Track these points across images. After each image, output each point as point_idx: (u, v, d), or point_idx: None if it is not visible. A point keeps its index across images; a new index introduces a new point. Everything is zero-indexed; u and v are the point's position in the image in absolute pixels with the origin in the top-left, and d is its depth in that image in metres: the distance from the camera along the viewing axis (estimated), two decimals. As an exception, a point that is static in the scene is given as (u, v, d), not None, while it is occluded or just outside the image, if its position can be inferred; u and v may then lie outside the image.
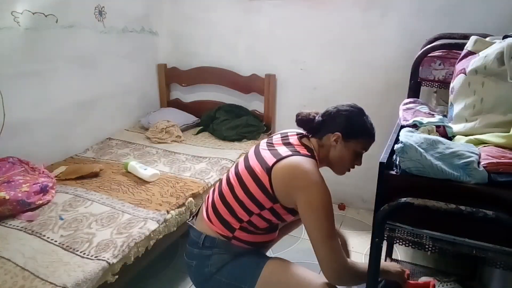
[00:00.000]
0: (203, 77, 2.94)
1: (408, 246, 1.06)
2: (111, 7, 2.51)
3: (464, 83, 1.22)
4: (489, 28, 1.93)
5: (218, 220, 1.38)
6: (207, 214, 1.42)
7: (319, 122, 1.41)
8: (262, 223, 1.35)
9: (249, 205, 1.32)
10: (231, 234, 1.36)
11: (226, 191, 1.39)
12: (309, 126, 1.43)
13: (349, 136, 1.36)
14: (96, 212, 1.68)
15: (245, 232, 1.36)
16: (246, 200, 1.32)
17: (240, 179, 1.36)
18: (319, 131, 1.40)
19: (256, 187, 1.31)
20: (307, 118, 1.43)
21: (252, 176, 1.33)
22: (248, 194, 1.32)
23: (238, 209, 1.34)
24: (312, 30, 2.53)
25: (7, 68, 1.96)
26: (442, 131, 1.23)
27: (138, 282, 1.89)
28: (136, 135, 2.69)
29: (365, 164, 1.43)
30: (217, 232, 1.37)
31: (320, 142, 1.40)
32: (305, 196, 1.24)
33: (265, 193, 1.29)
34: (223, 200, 1.38)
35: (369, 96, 2.48)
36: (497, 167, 0.96)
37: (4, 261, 1.34)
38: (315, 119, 1.43)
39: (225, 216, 1.36)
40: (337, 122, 1.37)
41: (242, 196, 1.33)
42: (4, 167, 1.82)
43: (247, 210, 1.33)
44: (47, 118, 2.20)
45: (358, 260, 2.12)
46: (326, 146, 1.39)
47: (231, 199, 1.36)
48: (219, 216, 1.38)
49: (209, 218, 1.40)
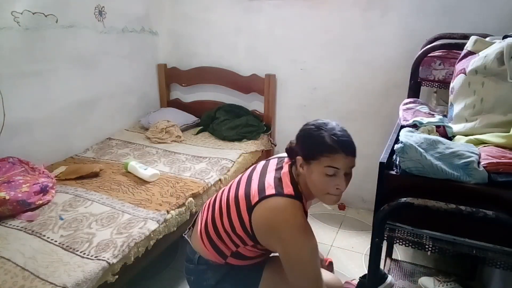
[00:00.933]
0: (203, 77, 2.94)
1: (408, 246, 1.06)
2: (111, 7, 2.51)
3: (464, 83, 1.22)
4: (489, 28, 1.93)
5: (211, 246, 1.35)
6: (201, 235, 1.39)
7: (290, 148, 1.30)
8: (250, 253, 1.32)
9: (234, 238, 1.29)
10: (223, 261, 1.35)
11: (217, 216, 1.34)
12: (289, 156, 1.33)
13: (309, 157, 1.20)
14: (96, 212, 1.68)
15: (237, 259, 1.34)
16: (231, 232, 1.29)
17: (228, 207, 1.31)
18: (292, 157, 1.29)
19: (238, 223, 1.26)
20: (289, 147, 1.32)
21: (237, 209, 1.27)
22: (232, 227, 1.28)
23: (227, 239, 1.31)
24: (312, 30, 2.53)
25: (7, 68, 1.96)
26: (442, 131, 1.23)
27: (138, 282, 1.89)
28: (136, 135, 2.69)
29: (365, 164, 1.43)
30: (210, 257, 1.36)
31: (296, 171, 1.27)
32: (283, 249, 1.19)
33: (246, 232, 1.25)
34: (214, 227, 1.34)
35: (369, 96, 2.48)
36: (497, 167, 0.96)
37: (4, 261, 1.34)
38: (290, 146, 1.31)
39: (217, 243, 1.34)
40: (297, 146, 1.26)
41: (227, 227, 1.30)
42: (4, 167, 1.82)
43: (233, 242, 1.30)
44: (47, 118, 2.20)
45: (358, 260, 2.14)
46: (300, 175, 1.25)
47: (220, 227, 1.32)
48: (211, 242, 1.35)
49: (203, 241, 1.37)
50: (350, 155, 1.18)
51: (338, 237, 2.37)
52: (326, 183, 1.19)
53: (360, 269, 2.07)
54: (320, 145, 1.17)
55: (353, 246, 2.29)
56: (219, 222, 1.33)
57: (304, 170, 1.22)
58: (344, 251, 2.24)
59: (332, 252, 2.23)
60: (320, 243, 2.28)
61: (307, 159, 1.20)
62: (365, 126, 2.50)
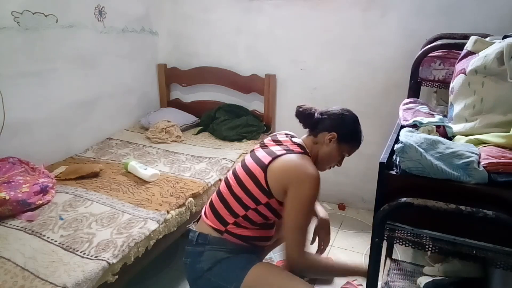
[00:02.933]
0: (203, 77, 2.94)
1: (408, 246, 1.06)
2: (111, 7, 2.51)
3: (464, 83, 1.22)
4: (489, 28, 1.93)
5: (213, 215, 1.44)
6: (204, 212, 1.50)
7: (318, 119, 1.47)
8: (258, 218, 1.40)
9: (246, 200, 1.38)
10: (223, 228, 1.40)
11: (224, 189, 1.46)
12: (307, 120, 1.49)
13: (343, 139, 1.43)
14: (96, 212, 1.68)
15: (238, 227, 1.40)
16: (242, 195, 1.39)
17: (237, 177, 1.43)
18: (316, 127, 1.46)
19: (252, 183, 1.37)
20: (308, 112, 1.48)
21: (249, 174, 1.39)
22: (245, 190, 1.39)
23: (235, 204, 1.40)
24: (312, 30, 2.53)
25: (7, 68, 1.96)
26: (442, 131, 1.23)
27: (138, 282, 1.89)
28: (136, 135, 2.69)
29: (365, 164, 1.44)
30: (210, 227, 1.42)
31: (314, 139, 1.46)
32: (296, 188, 1.31)
33: (261, 189, 1.35)
34: (221, 198, 1.45)
35: (369, 96, 2.48)
36: (497, 167, 0.96)
37: (4, 261, 1.34)
38: (315, 115, 1.48)
39: (220, 212, 1.43)
40: (335, 122, 1.44)
41: (238, 191, 1.40)
42: (4, 167, 1.82)
43: (244, 205, 1.39)
44: (47, 118, 2.20)
45: (358, 261, 2.14)
46: (319, 144, 1.45)
47: (228, 196, 1.43)
48: (215, 212, 1.44)
49: (205, 215, 1.48)
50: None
51: (338, 237, 2.37)
52: (335, 160, 1.48)
53: (360, 269, 2.07)
54: (355, 137, 1.47)
55: (353, 246, 2.29)
56: (226, 193, 1.44)
57: (330, 143, 1.43)
58: (344, 251, 2.24)
59: (332, 252, 2.23)
60: (320, 243, 2.29)
61: (342, 140, 1.43)
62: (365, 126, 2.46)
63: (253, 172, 1.38)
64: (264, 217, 1.41)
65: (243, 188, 1.40)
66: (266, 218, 1.42)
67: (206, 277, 1.38)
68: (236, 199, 1.40)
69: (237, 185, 1.42)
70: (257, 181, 1.37)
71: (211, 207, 1.48)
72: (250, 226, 1.41)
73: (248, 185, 1.39)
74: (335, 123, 1.44)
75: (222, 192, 1.47)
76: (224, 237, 1.40)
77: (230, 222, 1.40)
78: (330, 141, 1.43)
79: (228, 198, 1.43)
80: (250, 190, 1.38)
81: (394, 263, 1.93)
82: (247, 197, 1.38)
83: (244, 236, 1.41)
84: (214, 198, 1.49)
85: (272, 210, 1.39)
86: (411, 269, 1.89)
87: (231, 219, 1.40)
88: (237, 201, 1.40)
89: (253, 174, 1.38)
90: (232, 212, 1.41)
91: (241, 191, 1.40)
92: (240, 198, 1.40)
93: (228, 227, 1.40)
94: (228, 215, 1.41)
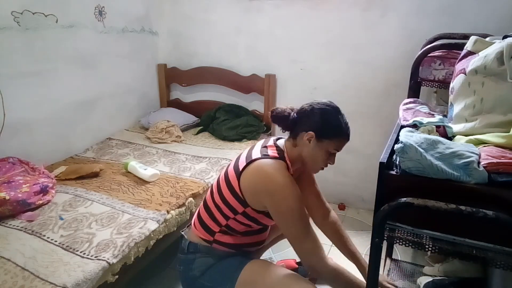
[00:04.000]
0: (203, 77, 2.94)
1: (408, 246, 1.06)
2: (111, 7, 2.51)
3: (464, 83, 1.22)
4: (489, 28, 1.93)
5: (200, 225, 1.42)
6: (194, 222, 1.48)
7: (293, 120, 1.35)
8: (240, 226, 1.37)
9: (224, 210, 1.35)
10: (211, 238, 1.39)
11: (208, 198, 1.43)
12: (283, 123, 1.38)
13: (322, 136, 1.30)
14: (96, 212, 1.68)
15: (225, 235, 1.38)
16: (221, 204, 1.35)
17: (218, 185, 1.39)
18: (293, 129, 1.36)
19: (228, 192, 1.33)
20: (282, 115, 1.37)
21: (227, 181, 1.35)
22: (223, 199, 1.35)
23: (217, 213, 1.37)
24: (312, 30, 2.53)
25: (7, 68, 1.96)
26: (442, 131, 1.23)
27: (138, 282, 1.89)
28: (136, 135, 2.69)
29: (365, 164, 1.43)
30: (199, 237, 1.41)
31: (294, 141, 1.36)
32: (271, 201, 1.26)
33: (236, 197, 1.31)
34: (205, 206, 1.43)
35: (369, 96, 2.48)
36: (497, 167, 0.95)
37: (4, 261, 1.34)
38: (290, 115, 1.36)
39: (206, 221, 1.40)
40: (311, 120, 1.32)
41: (218, 201, 1.36)
42: (4, 167, 1.82)
43: (224, 215, 1.36)
44: (47, 118, 2.20)
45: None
46: (300, 145, 1.34)
47: (211, 204, 1.40)
48: (201, 221, 1.42)
49: (194, 225, 1.46)
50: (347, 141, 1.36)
51: (338, 237, 2.37)
52: (325, 159, 1.34)
53: (360, 269, 2.07)
54: (337, 130, 1.31)
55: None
56: (210, 201, 1.40)
57: (310, 143, 1.31)
58: (344, 251, 2.23)
59: (332, 252, 2.23)
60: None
61: (321, 136, 1.30)
62: (365, 126, 2.49)
63: (230, 179, 1.33)
64: (246, 225, 1.37)
65: (221, 197, 1.35)
66: (249, 226, 1.38)
67: (199, 283, 1.38)
68: (217, 208, 1.36)
69: (217, 194, 1.37)
70: (232, 189, 1.31)
71: (198, 217, 1.45)
72: (236, 234, 1.38)
73: (225, 193, 1.33)
74: (310, 120, 1.31)
75: (206, 200, 1.43)
76: (213, 246, 1.39)
77: (216, 231, 1.38)
78: (309, 141, 1.31)
79: (211, 207, 1.39)
80: (227, 199, 1.33)
81: (394, 263, 1.93)
82: (225, 207, 1.34)
83: (232, 244, 1.39)
84: (201, 207, 1.47)
85: (251, 219, 1.35)
86: (411, 269, 1.89)
87: (216, 227, 1.37)
88: (218, 210, 1.36)
89: (229, 182, 1.33)
90: (216, 221, 1.38)
91: (220, 200, 1.35)
92: (220, 207, 1.35)
93: (215, 237, 1.38)
94: (214, 224, 1.38)
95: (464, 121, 1.22)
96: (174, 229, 1.75)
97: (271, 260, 2.07)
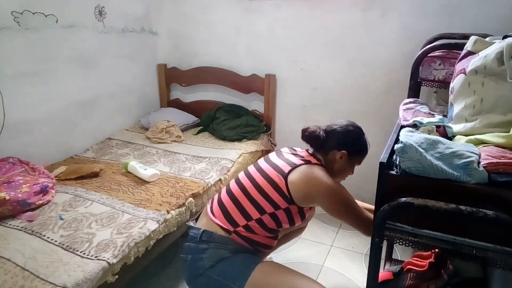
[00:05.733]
0: (203, 77, 2.94)
1: (408, 246, 1.06)
2: (111, 7, 2.51)
3: (464, 83, 1.22)
4: (489, 28, 1.93)
5: (223, 214, 1.44)
6: (211, 210, 1.49)
7: (324, 139, 1.52)
8: (272, 223, 1.41)
9: (264, 204, 1.40)
10: (232, 229, 1.40)
11: (236, 191, 1.47)
12: (315, 142, 1.53)
13: (353, 154, 1.51)
14: (96, 212, 1.68)
15: (247, 231, 1.41)
16: (260, 199, 1.40)
17: (253, 181, 1.45)
18: (324, 146, 1.52)
19: (271, 188, 1.40)
20: (315, 135, 1.52)
21: (266, 178, 1.43)
22: (263, 194, 1.40)
23: (250, 207, 1.41)
24: (312, 30, 2.53)
25: (7, 68, 1.96)
26: (442, 131, 1.23)
27: (138, 282, 1.89)
28: (136, 135, 2.69)
29: (365, 164, 1.44)
30: (217, 225, 1.42)
31: (325, 156, 1.52)
32: (326, 201, 1.40)
33: (282, 195, 1.39)
34: (233, 199, 1.45)
35: (369, 96, 2.48)
36: (497, 167, 0.96)
37: (4, 261, 1.34)
38: (321, 136, 1.52)
39: (231, 212, 1.43)
40: (343, 140, 1.50)
41: (255, 195, 1.41)
42: (4, 167, 1.82)
43: (260, 209, 1.40)
44: (47, 118, 2.20)
45: (358, 260, 2.14)
46: (331, 160, 1.51)
47: (242, 198, 1.43)
48: (225, 212, 1.44)
49: (212, 213, 1.47)
50: None
51: (338, 237, 2.37)
52: (349, 172, 1.58)
53: (360, 269, 2.07)
54: (364, 149, 1.55)
55: (353, 246, 2.29)
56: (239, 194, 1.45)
57: (341, 160, 1.50)
58: (344, 251, 2.24)
59: (332, 252, 2.23)
60: (320, 243, 2.29)
61: (352, 155, 1.51)
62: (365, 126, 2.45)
63: (272, 178, 1.41)
64: (278, 223, 1.42)
65: (261, 193, 1.41)
66: (279, 224, 1.43)
67: (207, 275, 1.37)
68: (252, 202, 1.41)
69: (253, 189, 1.43)
70: (277, 187, 1.39)
71: (221, 206, 1.47)
72: (260, 232, 1.41)
73: (267, 190, 1.40)
74: (343, 141, 1.50)
75: (234, 193, 1.47)
76: (231, 237, 1.40)
77: (241, 224, 1.40)
78: (341, 158, 1.49)
79: (242, 200, 1.43)
80: (270, 195, 1.40)
81: (394, 263, 1.93)
82: (266, 202, 1.40)
83: (251, 240, 1.41)
84: (224, 198, 1.49)
85: (289, 216, 1.42)
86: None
87: (243, 221, 1.41)
88: (253, 204, 1.41)
89: (272, 180, 1.41)
90: (245, 214, 1.41)
91: (259, 194, 1.41)
92: (256, 201, 1.41)
93: (237, 229, 1.40)
94: (240, 217, 1.41)
95: (464, 121, 1.22)
96: (174, 229, 1.75)
97: (270, 259, 2.07)
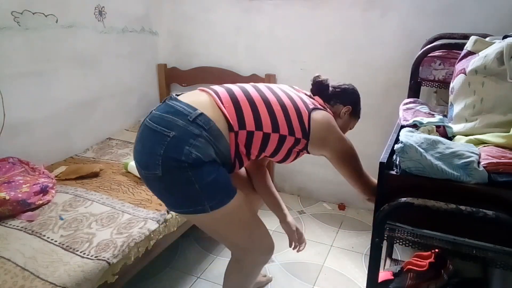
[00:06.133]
0: (203, 77, 2.93)
1: (408, 246, 1.06)
2: (111, 7, 2.51)
3: (464, 83, 1.22)
4: (489, 28, 1.93)
5: (234, 109, 1.28)
6: (219, 97, 1.31)
7: (333, 92, 1.54)
8: (273, 145, 1.33)
9: (281, 124, 1.31)
10: (237, 128, 1.26)
11: (256, 97, 1.32)
12: (323, 91, 1.54)
13: (354, 113, 1.56)
14: (96, 212, 1.68)
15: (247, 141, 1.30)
16: (280, 117, 1.31)
17: (276, 95, 1.35)
18: (331, 99, 1.53)
19: (295, 114, 1.34)
20: (325, 84, 1.55)
21: (292, 102, 1.36)
22: (285, 114, 1.32)
23: (266, 119, 1.29)
24: (312, 30, 2.53)
25: (7, 68, 1.96)
26: (442, 131, 1.23)
27: (138, 282, 1.89)
28: (136, 135, 2.68)
29: (365, 164, 1.44)
30: (222, 115, 1.26)
31: (331, 108, 1.52)
32: (336, 151, 1.39)
33: (301, 126, 1.33)
34: (250, 101, 1.31)
35: (369, 96, 2.46)
36: (497, 167, 0.96)
37: (4, 261, 1.34)
38: (329, 87, 1.55)
39: (245, 113, 1.28)
40: (350, 97, 1.55)
41: (278, 111, 1.31)
42: (4, 167, 1.82)
43: (275, 126, 1.30)
44: (47, 118, 2.20)
45: (358, 260, 2.14)
46: (335, 114, 1.51)
47: (261, 105, 1.31)
48: (237, 108, 1.28)
49: (221, 101, 1.29)
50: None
51: (338, 237, 2.37)
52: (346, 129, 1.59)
53: (360, 269, 2.07)
54: (360, 112, 1.60)
55: (353, 246, 2.29)
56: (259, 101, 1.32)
57: (345, 115, 1.53)
58: (344, 251, 2.24)
59: (332, 252, 2.23)
60: (320, 243, 2.29)
61: (354, 114, 1.56)
62: (365, 126, 2.47)
63: (298, 105, 1.35)
64: (276, 148, 1.34)
65: (284, 112, 1.31)
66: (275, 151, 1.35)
67: (183, 167, 1.16)
68: (271, 116, 1.30)
69: (278, 105, 1.32)
70: (300, 116, 1.33)
71: (233, 100, 1.30)
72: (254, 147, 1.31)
73: (291, 113, 1.32)
74: (350, 97, 1.55)
75: (253, 97, 1.32)
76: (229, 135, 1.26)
77: (247, 129, 1.27)
78: (345, 114, 1.52)
79: (260, 108, 1.30)
80: (291, 119, 1.31)
81: (394, 263, 1.93)
82: (285, 122, 1.31)
83: (238, 149, 1.30)
84: (239, 95, 1.32)
85: (289, 147, 1.35)
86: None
87: (252, 127, 1.28)
88: (271, 118, 1.30)
89: (298, 107, 1.34)
90: (257, 123, 1.28)
91: (281, 112, 1.31)
92: (276, 117, 1.30)
93: (241, 131, 1.27)
94: (252, 122, 1.28)
95: (464, 121, 1.22)
96: (174, 229, 1.75)
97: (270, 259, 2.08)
